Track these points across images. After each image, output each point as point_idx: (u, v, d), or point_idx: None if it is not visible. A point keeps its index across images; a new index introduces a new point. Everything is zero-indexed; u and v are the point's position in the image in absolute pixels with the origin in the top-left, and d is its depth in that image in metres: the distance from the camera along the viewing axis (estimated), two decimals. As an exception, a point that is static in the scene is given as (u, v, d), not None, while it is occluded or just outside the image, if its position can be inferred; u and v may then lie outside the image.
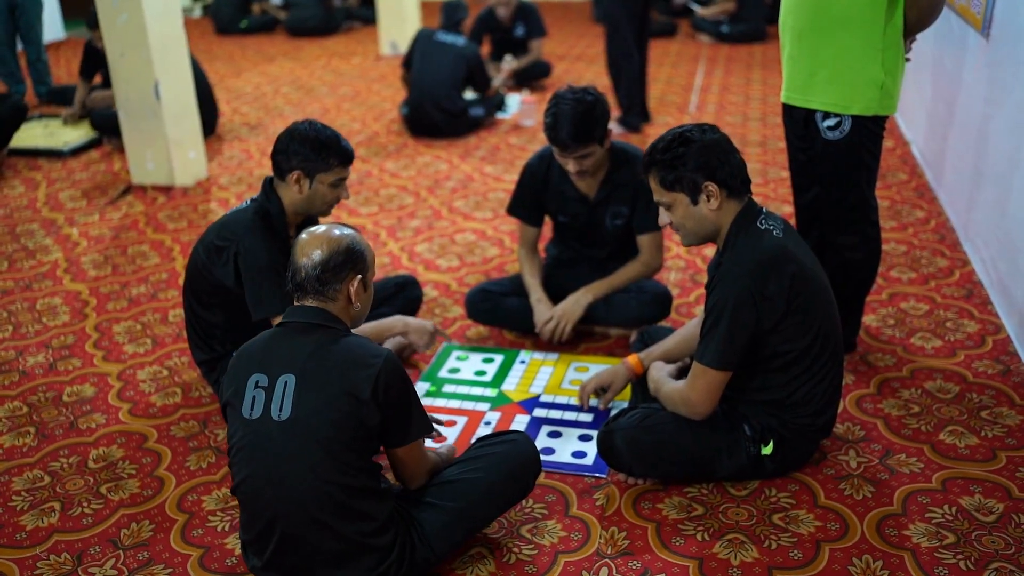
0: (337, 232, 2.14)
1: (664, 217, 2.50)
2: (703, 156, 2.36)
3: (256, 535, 2.10)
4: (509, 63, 6.78)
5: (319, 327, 2.10)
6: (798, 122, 3.01)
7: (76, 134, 6.09)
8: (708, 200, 2.39)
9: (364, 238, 2.20)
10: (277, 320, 2.65)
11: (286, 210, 2.82)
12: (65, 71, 8.25)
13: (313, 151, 2.72)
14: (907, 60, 2.96)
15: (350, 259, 2.13)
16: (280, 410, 2.03)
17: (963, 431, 2.74)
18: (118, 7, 4.76)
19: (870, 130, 2.89)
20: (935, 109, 4.72)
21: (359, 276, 2.15)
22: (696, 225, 2.45)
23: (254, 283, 2.73)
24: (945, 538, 2.32)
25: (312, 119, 2.82)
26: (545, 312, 3.27)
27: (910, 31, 2.84)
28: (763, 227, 2.41)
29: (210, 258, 2.80)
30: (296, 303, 2.14)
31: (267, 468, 2.04)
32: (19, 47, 7.24)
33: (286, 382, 2.04)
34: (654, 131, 5.78)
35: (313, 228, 2.17)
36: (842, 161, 2.92)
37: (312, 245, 2.11)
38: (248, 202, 2.87)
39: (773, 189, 4.80)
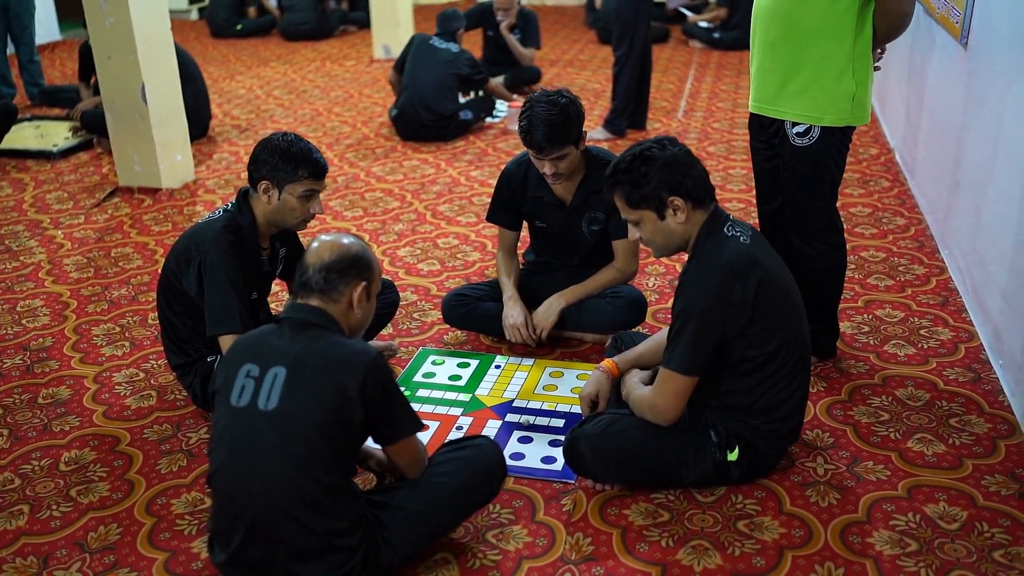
0: (347, 240, 2.24)
1: (634, 233, 2.52)
2: (666, 172, 2.38)
3: (225, 524, 2.12)
4: (500, 80, 6.79)
5: (315, 325, 2.14)
6: (766, 130, 3.02)
7: (67, 136, 6.10)
8: (675, 214, 2.41)
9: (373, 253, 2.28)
10: (228, 340, 2.69)
11: (258, 221, 2.84)
12: (60, 73, 8.27)
13: (282, 160, 2.75)
14: (876, 69, 2.98)
15: (357, 265, 2.20)
16: (268, 400, 2.07)
17: (931, 439, 2.75)
18: (106, 10, 4.77)
19: (838, 139, 2.91)
20: (916, 117, 4.73)
21: (364, 283, 2.21)
22: (665, 239, 2.48)
23: (212, 299, 2.75)
24: (908, 546, 2.33)
25: (290, 132, 2.84)
26: (514, 310, 3.27)
27: (880, 41, 2.86)
28: (730, 233, 2.43)
29: (179, 267, 2.82)
30: (299, 301, 2.19)
31: (246, 456, 2.07)
32: (11, 50, 7.26)
33: (276, 374, 2.08)
34: (642, 137, 5.79)
35: (325, 235, 2.25)
36: (808, 169, 2.93)
37: (324, 247, 2.20)
38: (220, 211, 2.88)
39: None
